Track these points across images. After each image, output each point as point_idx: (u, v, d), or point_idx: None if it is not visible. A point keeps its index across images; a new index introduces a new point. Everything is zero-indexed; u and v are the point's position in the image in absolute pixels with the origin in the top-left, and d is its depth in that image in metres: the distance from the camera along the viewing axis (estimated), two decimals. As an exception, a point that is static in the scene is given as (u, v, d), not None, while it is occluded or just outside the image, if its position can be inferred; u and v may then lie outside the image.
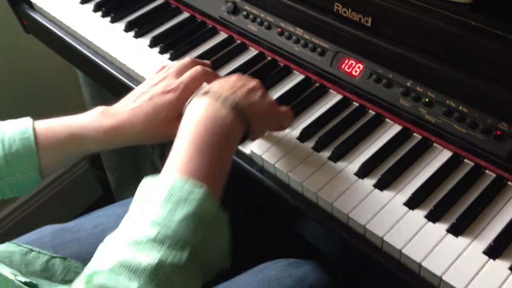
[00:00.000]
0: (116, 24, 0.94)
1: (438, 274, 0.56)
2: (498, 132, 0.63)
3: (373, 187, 0.65)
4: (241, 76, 0.65)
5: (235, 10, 0.87)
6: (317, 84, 0.79)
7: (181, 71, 0.71)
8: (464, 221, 0.60)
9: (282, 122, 0.70)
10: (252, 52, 0.86)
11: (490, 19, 0.60)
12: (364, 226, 0.61)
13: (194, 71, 0.70)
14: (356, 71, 0.75)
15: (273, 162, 0.69)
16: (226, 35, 0.89)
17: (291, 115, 0.70)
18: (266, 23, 0.84)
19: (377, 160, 0.68)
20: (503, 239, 0.58)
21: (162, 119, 0.67)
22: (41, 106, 1.37)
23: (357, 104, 0.75)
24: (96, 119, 0.68)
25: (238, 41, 0.88)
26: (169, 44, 0.87)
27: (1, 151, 0.66)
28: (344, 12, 0.73)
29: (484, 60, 0.62)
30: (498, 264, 0.56)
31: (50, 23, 0.99)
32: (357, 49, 0.75)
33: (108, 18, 0.94)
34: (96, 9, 0.96)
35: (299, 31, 0.80)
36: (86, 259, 0.76)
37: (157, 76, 0.71)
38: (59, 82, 1.45)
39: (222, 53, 0.86)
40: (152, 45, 0.88)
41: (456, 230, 0.59)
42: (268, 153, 0.70)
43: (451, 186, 0.63)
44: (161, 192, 0.51)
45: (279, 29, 0.82)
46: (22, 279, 0.54)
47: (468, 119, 0.65)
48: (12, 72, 1.37)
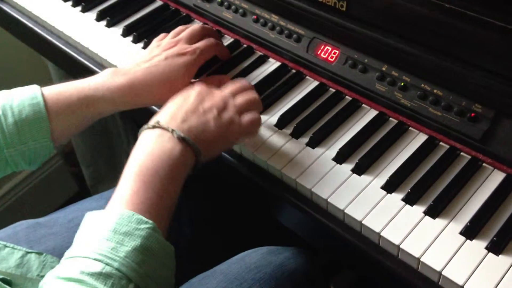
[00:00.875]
0: (88, 14, 0.92)
1: (417, 256, 0.56)
2: (472, 114, 0.63)
3: (351, 172, 0.65)
4: (204, 89, 0.63)
5: (209, -2, 0.86)
6: (294, 71, 0.79)
7: (193, 37, 0.72)
8: (441, 203, 0.60)
9: (246, 136, 0.66)
10: (228, 40, 0.85)
11: (464, 1, 0.60)
12: (343, 211, 0.61)
13: (209, 41, 0.73)
14: (332, 57, 0.75)
15: (252, 150, 0.68)
16: (201, 23, 0.88)
17: (256, 124, 0.65)
18: (241, 10, 0.83)
19: (355, 145, 0.68)
20: (479, 220, 0.59)
21: (179, 79, 0.67)
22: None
23: (334, 90, 0.75)
24: (109, 79, 0.66)
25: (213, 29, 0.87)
26: (142, 33, 0.86)
27: (11, 118, 0.64)
28: (319, -3, 0.73)
29: (458, 43, 0.63)
30: (475, 244, 0.57)
31: (19, 14, 0.96)
32: (333, 35, 0.75)
33: (79, 8, 0.92)
34: (66, -1, 0.94)
35: (274, 18, 0.80)
36: (62, 254, 0.75)
37: (165, 42, 0.72)
38: (29, 74, 1.42)
39: (197, 41, 0.85)
40: (125, 34, 0.87)
41: (433, 212, 0.60)
42: (246, 141, 0.69)
43: (427, 169, 0.64)
44: (106, 227, 0.50)
45: (254, 16, 0.82)
46: None
47: (443, 102, 0.65)
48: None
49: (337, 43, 0.74)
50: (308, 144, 0.69)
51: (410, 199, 0.61)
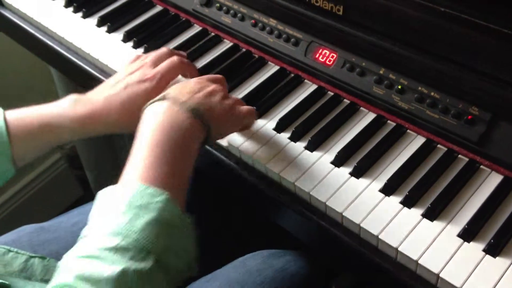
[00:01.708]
0: (88, 20, 0.92)
1: (415, 258, 0.57)
2: (469, 117, 0.64)
3: (349, 175, 0.66)
4: (200, 80, 0.65)
5: (208, 2, 0.87)
6: (292, 75, 0.79)
7: (158, 61, 0.70)
8: (439, 206, 0.61)
9: (244, 122, 0.69)
10: (227, 44, 0.86)
11: (459, 5, 0.60)
12: (341, 214, 0.62)
13: (171, 62, 0.70)
14: (330, 61, 0.75)
15: (251, 154, 0.69)
16: (200, 28, 0.89)
17: (253, 114, 0.69)
18: (240, 15, 0.83)
19: (353, 148, 0.68)
20: (477, 222, 0.59)
21: (138, 108, 0.65)
22: (16, 106, 1.36)
23: (332, 93, 0.76)
24: (70, 107, 0.66)
25: (212, 34, 0.88)
26: (143, 39, 0.87)
27: None
28: (316, 1, 0.73)
29: (453, 46, 0.63)
30: (473, 246, 0.57)
31: (21, 20, 0.97)
32: (330, 38, 0.75)
33: (80, 14, 0.93)
34: (68, 5, 0.95)
35: (273, 22, 0.80)
36: (65, 258, 0.76)
37: (133, 65, 0.71)
38: (33, 81, 1.43)
39: (197, 46, 0.85)
40: (125, 40, 0.88)
41: (431, 215, 0.60)
42: (245, 145, 0.70)
43: (425, 172, 0.64)
44: (121, 202, 0.50)
45: (253, 21, 0.82)
46: None
47: (440, 105, 0.66)
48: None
49: (335, 47, 0.75)
50: (307, 148, 0.69)
51: (408, 202, 0.62)
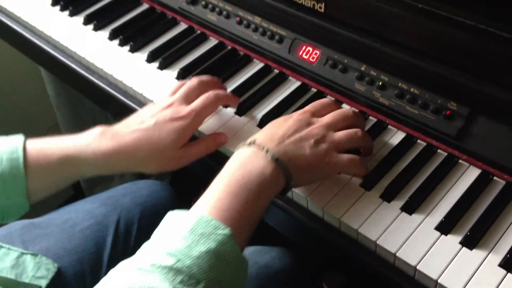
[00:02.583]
0: (75, 18, 0.93)
1: (393, 252, 0.58)
2: (448, 112, 0.65)
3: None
4: (301, 117, 0.62)
5: (194, 0, 0.87)
6: (276, 72, 0.80)
7: (189, 96, 0.68)
8: (417, 199, 0.62)
9: (345, 171, 0.64)
10: (213, 42, 0.87)
11: (436, 1, 0.61)
12: (322, 208, 0.63)
13: (206, 98, 0.67)
14: (313, 58, 0.76)
15: (232, 149, 0.70)
16: (186, 26, 0.89)
17: (357, 165, 0.62)
18: (225, 12, 0.84)
19: (335, 144, 0.69)
20: (454, 215, 0.60)
21: (168, 146, 0.64)
22: (4, 104, 1.36)
23: (315, 90, 0.77)
24: (95, 141, 0.64)
25: (198, 31, 0.88)
26: (129, 36, 0.87)
27: None
28: (298, -1, 0.74)
29: (431, 42, 0.64)
30: (450, 239, 0.59)
31: (7, 18, 0.97)
32: (313, 36, 0.76)
33: (67, 12, 0.94)
34: (54, 3, 0.96)
35: (257, 19, 0.81)
36: (56, 255, 0.77)
37: (164, 101, 0.68)
38: (23, 80, 1.43)
39: (183, 44, 0.86)
40: (112, 38, 0.88)
41: (410, 208, 0.61)
42: (228, 143, 0.71)
43: (404, 166, 0.65)
44: (185, 226, 0.50)
45: (238, 18, 0.83)
46: None
47: (419, 101, 0.67)
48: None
49: (318, 44, 0.76)
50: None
51: (388, 196, 0.63)
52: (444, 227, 0.59)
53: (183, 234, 0.49)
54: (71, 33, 0.90)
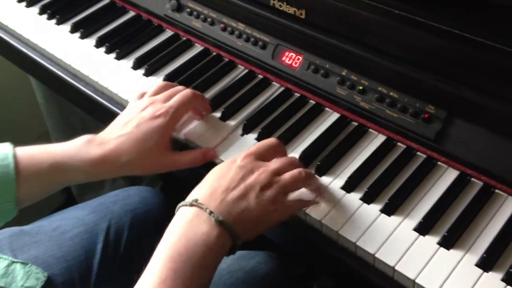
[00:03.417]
0: (62, 26, 0.94)
1: (372, 252, 0.59)
2: (426, 115, 0.66)
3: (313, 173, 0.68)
4: (245, 163, 0.60)
5: (179, 8, 0.88)
6: (260, 77, 0.81)
7: (167, 96, 0.69)
8: (396, 201, 0.63)
9: (301, 209, 0.62)
10: (198, 49, 0.88)
11: (412, 7, 0.63)
12: (305, 211, 0.64)
13: (183, 96, 0.68)
14: (296, 63, 0.77)
15: (217, 156, 0.71)
16: (172, 33, 0.91)
17: (302, 206, 0.62)
18: (210, 19, 0.85)
19: (317, 148, 0.70)
20: (433, 216, 0.61)
21: (152, 147, 0.65)
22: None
23: (299, 95, 0.78)
24: (83, 149, 0.65)
25: (184, 38, 0.89)
26: (115, 44, 0.88)
27: None
28: (280, 6, 0.75)
29: (409, 47, 0.65)
30: (428, 240, 0.60)
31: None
32: (296, 41, 0.77)
33: (54, 20, 0.95)
34: (42, 12, 0.96)
35: (241, 26, 0.82)
36: (45, 263, 0.77)
37: (143, 101, 0.69)
38: (12, 86, 1.43)
39: (168, 51, 0.87)
40: (98, 45, 0.89)
41: (389, 210, 0.62)
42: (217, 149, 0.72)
43: (384, 169, 0.66)
44: None
45: (222, 25, 0.84)
46: None
47: (399, 104, 0.68)
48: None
49: (300, 50, 0.77)
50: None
51: (368, 198, 0.64)
52: (423, 228, 0.60)
53: None
54: (58, 41, 0.90)
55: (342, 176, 0.66)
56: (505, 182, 0.62)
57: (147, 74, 0.84)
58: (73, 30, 0.92)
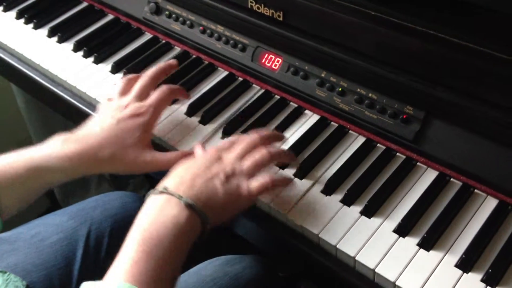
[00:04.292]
0: (40, 30, 0.93)
1: (352, 255, 0.59)
2: (404, 116, 0.66)
3: (293, 176, 0.67)
4: (210, 154, 0.61)
5: (158, 10, 0.88)
6: (240, 80, 0.81)
7: (143, 93, 0.69)
8: (376, 203, 0.63)
9: (267, 192, 0.62)
10: (177, 51, 0.87)
11: (387, 8, 0.63)
12: (286, 215, 0.63)
13: (161, 92, 0.69)
14: (276, 65, 0.77)
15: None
16: (151, 36, 0.90)
17: (266, 190, 0.61)
18: (189, 22, 0.85)
19: (298, 151, 0.70)
20: (412, 217, 0.61)
21: (133, 143, 0.65)
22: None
23: (279, 97, 0.77)
24: (58, 147, 0.65)
25: (163, 41, 0.89)
26: (93, 48, 0.87)
27: None
28: (258, 8, 0.75)
29: (386, 48, 0.65)
30: (408, 241, 0.60)
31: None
32: (275, 44, 0.77)
33: (31, 25, 0.93)
34: (19, 16, 0.95)
35: (220, 28, 0.82)
36: (24, 270, 0.76)
37: (120, 102, 0.69)
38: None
39: (147, 54, 0.86)
40: (76, 49, 0.88)
41: (369, 212, 0.62)
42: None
43: (364, 170, 0.66)
44: None
45: (201, 27, 0.84)
46: None
47: (377, 105, 0.68)
48: None
49: (280, 52, 0.77)
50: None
51: (347, 200, 0.64)
52: (402, 230, 0.60)
53: None
54: (36, 46, 0.89)
55: (323, 179, 0.66)
56: (484, 182, 0.62)
57: (126, 78, 0.83)
58: (51, 35, 0.91)
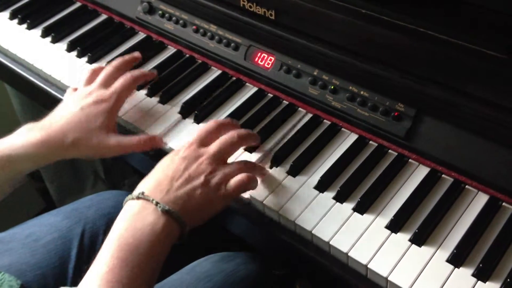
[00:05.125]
0: (33, 31, 0.93)
1: (344, 251, 0.59)
2: (396, 113, 0.66)
3: (286, 174, 0.68)
4: (187, 153, 0.62)
5: (151, 10, 0.88)
6: (234, 78, 0.81)
7: (107, 81, 0.71)
8: (369, 199, 0.63)
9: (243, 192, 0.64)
10: (171, 51, 0.87)
11: (378, 6, 0.63)
12: (278, 212, 0.64)
13: (124, 80, 0.71)
14: (269, 64, 0.77)
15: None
16: (144, 35, 0.90)
17: (244, 189, 0.63)
18: (182, 21, 0.85)
19: (290, 148, 0.70)
20: (404, 213, 0.62)
21: (97, 127, 0.67)
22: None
23: (272, 95, 0.78)
24: (23, 135, 0.66)
25: (156, 41, 0.89)
26: (87, 47, 0.87)
27: None
28: (250, 7, 0.75)
29: (378, 46, 0.66)
30: (400, 237, 0.60)
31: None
32: (267, 42, 0.77)
33: (25, 25, 0.93)
34: (12, 17, 0.95)
35: (213, 28, 0.82)
36: (19, 270, 0.76)
37: (85, 89, 0.71)
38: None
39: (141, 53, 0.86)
40: (70, 49, 0.88)
41: (361, 208, 0.63)
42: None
43: (356, 167, 0.67)
44: None
45: (194, 27, 0.84)
46: None
47: (369, 103, 0.68)
48: None
49: (272, 50, 0.77)
50: (246, 149, 0.71)
51: (340, 197, 0.64)
52: (394, 226, 0.61)
53: None
54: (29, 46, 0.89)
55: (316, 176, 0.66)
56: (475, 178, 0.63)
57: (120, 78, 0.83)
58: (44, 35, 0.91)
